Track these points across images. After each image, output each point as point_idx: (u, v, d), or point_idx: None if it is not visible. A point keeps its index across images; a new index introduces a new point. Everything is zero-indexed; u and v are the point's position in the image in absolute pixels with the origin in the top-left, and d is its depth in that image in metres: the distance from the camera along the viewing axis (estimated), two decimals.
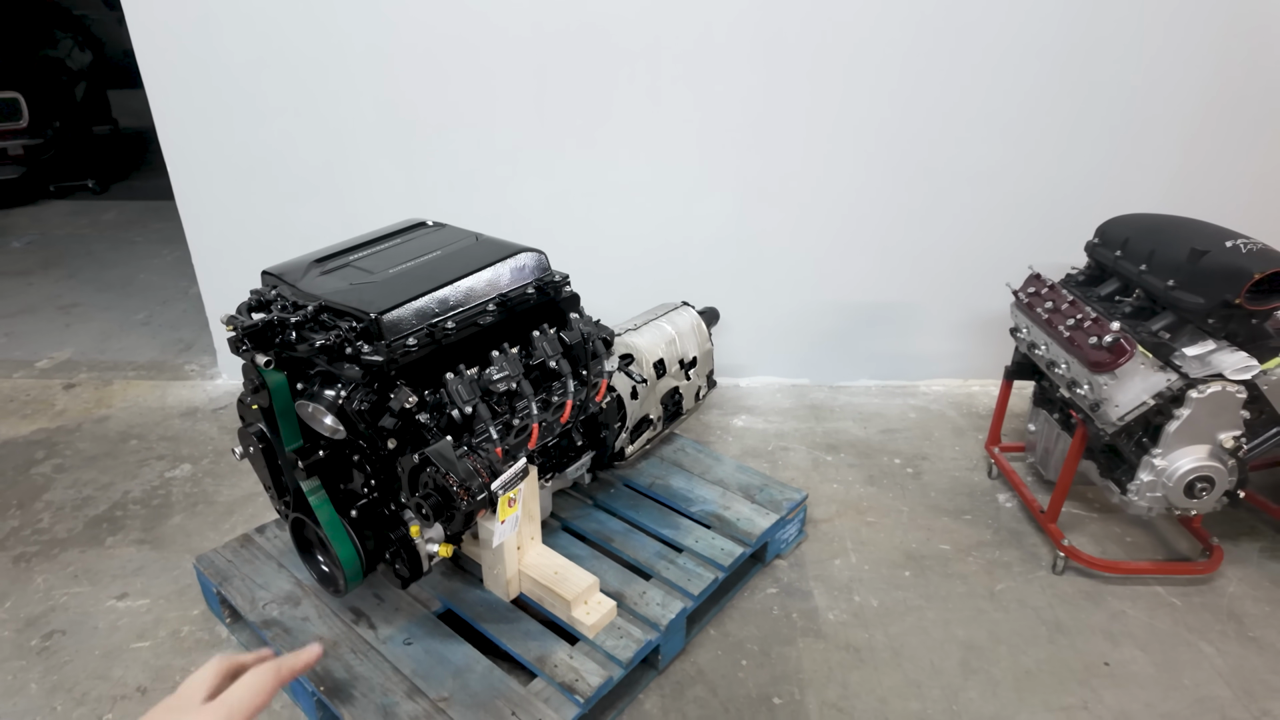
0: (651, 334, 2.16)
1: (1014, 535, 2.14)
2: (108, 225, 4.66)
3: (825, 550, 2.08)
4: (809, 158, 2.54)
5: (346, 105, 2.47)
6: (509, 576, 1.68)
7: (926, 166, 2.55)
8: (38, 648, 1.78)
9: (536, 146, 2.53)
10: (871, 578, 1.99)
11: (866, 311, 2.80)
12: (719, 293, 2.62)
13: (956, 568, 2.03)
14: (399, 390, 1.37)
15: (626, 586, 1.74)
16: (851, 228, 2.64)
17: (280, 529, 1.93)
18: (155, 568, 2.02)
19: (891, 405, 2.78)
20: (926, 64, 2.40)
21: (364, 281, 1.43)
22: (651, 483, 2.11)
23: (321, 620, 1.66)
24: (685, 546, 1.87)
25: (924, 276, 2.74)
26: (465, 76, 2.44)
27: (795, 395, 2.83)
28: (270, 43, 2.38)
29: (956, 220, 2.64)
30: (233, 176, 2.58)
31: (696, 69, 2.41)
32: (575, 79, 2.43)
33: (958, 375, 2.91)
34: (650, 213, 2.63)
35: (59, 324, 3.40)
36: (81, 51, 5.80)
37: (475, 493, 1.31)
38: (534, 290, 1.57)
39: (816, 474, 2.40)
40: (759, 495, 2.04)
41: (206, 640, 1.80)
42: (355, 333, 1.33)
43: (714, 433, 2.60)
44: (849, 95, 2.44)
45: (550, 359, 1.55)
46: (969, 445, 2.56)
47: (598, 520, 1.97)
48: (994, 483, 2.36)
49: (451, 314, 1.43)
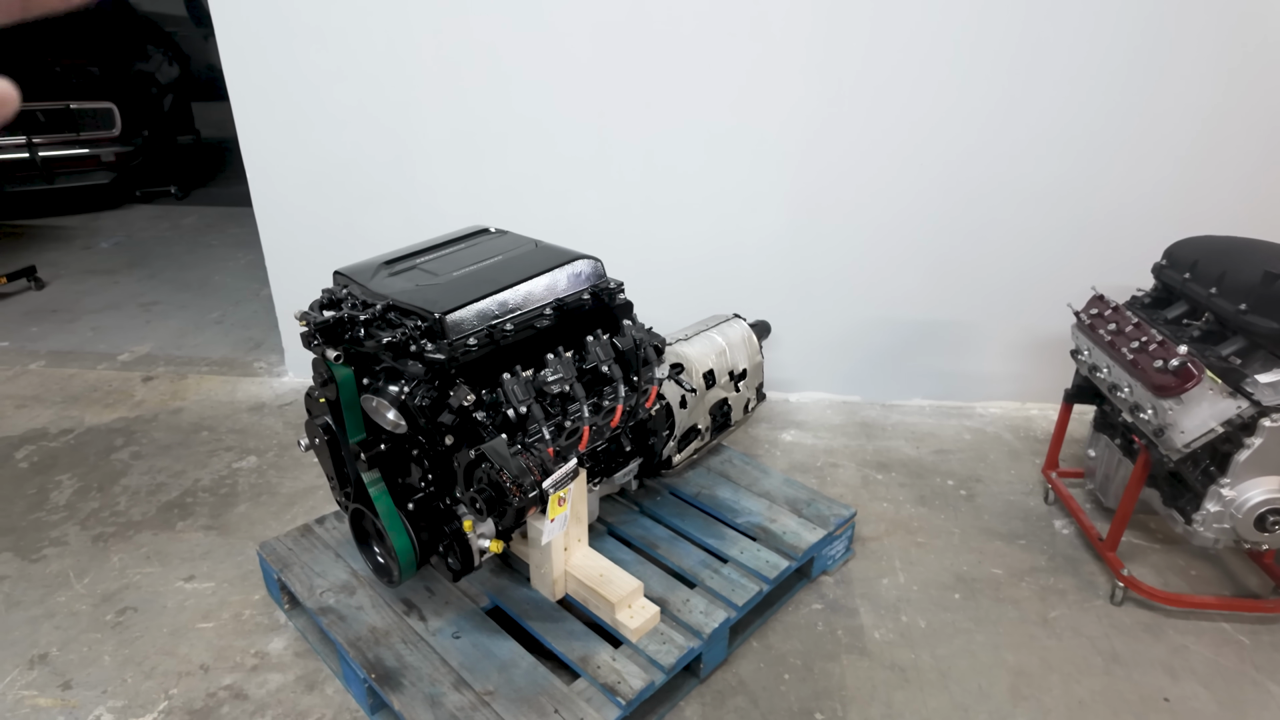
0: (702, 344, 2.18)
1: (1070, 562, 2.08)
2: (187, 229, 4.92)
3: (873, 568, 2.05)
4: (864, 172, 2.53)
5: (414, 115, 2.57)
6: (555, 576, 1.71)
7: (986, 184, 2.52)
8: (112, 622, 1.88)
9: (595, 157, 2.59)
10: (920, 598, 1.96)
11: (921, 329, 2.76)
12: (770, 306, 2.63)
13: (1008, 592, 1.98)
14: (458, 388, 1.42)
15: (670, 593, 1.76)
16: (906, 244, 2.62)
17: (339, 520, 2.00)
18: (221, 552, 2.12)
19: (946, 426, 2.73)
20: (988, 82, 2.38)
21: (429, 283, 1.49)
22: (698, 492, 2.12)
23: (375, 610, 1.72)
24: (730, 557, 1.87)
25: (981, 295, 2.69)
26: (528, 89, 2.51)
27: (846, 412, 2.81)
28: (345, 57, 2.50)
29: (1015, 239, 2.59)
30: (306, 183, 2.71)
31: (754, 84, 2.44)
32: (634, 93, 2.48)
33: (1015, 398, 2.84)
34: (704, 225, 2.66)
35: (140, 320, 3.60)
36: (170, 65, 6.14)
37: (527, 490, 1.35)
38: (589, 296, 1.61)
39: (866, 492, 2.37)
40: (806, 510, 2.03)
41: (266, 624, 1.88)
42: (420, 331, 1.39)
43: (762, 446, 2.60)
44: (907, 110, 2.43)
45: (602, 364, 1.59)
46: (1025, 469, 2.50)
47: (643, 526, 1.99)
48: (1050, 508, 2.30)
49: (510, 316, 1.48)
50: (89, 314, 3.67)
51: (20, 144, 4.72)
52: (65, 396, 2.90)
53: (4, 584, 2.00)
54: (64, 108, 4.87)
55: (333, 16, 2.46)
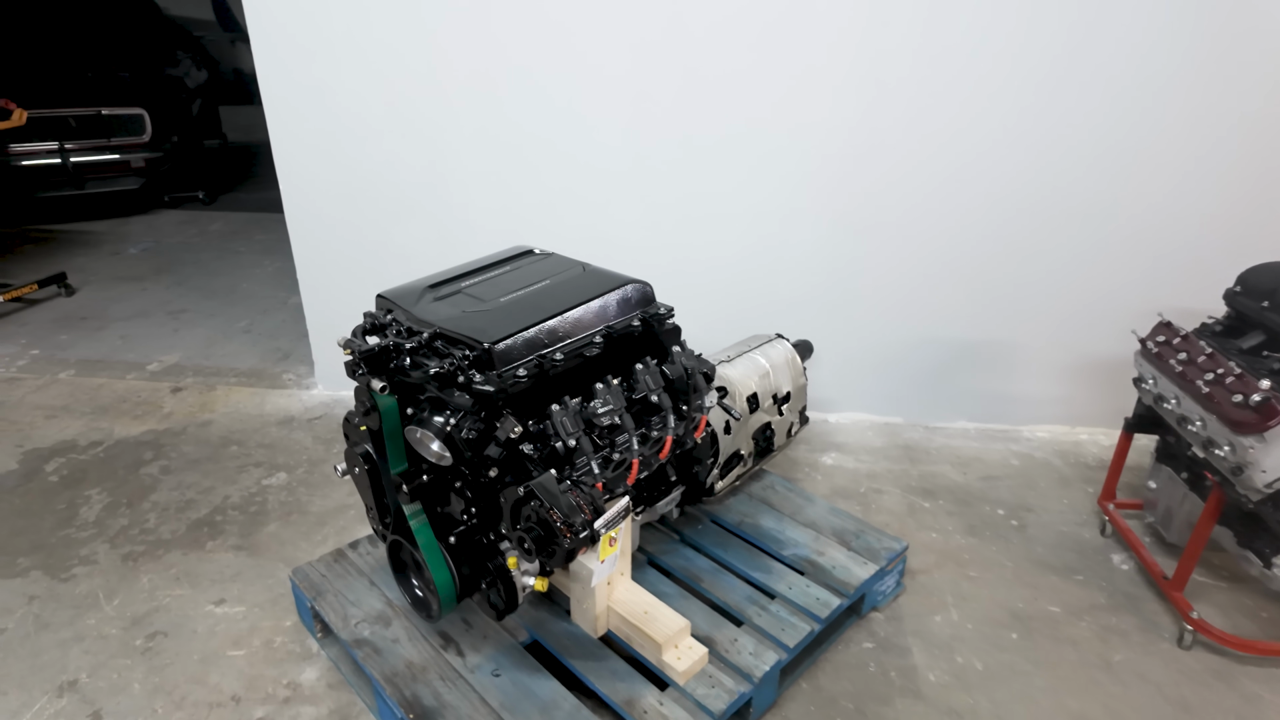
0: (745, 366, 2.11)
1: (1131, 600, 1.99)
2: (214, 235, 4.91)
3: (924, 604, 1.97)
4: (908, 187, 2.45)
5: (448, 128, 2.52)
6: (598, 612, 1.65)
7: (1036, 199, 2.43)
8: (142, 647, 1.84)
9: (630, 170, 2.53)
10: (974, 637, 1.87)
11: (965, 349, 2.67)
12: (808, 323, 2.55)
13: (1067, 632, 1.89)
14: (505, 420, 1.36)
15: (717, 631, 1.68)
16: (951, 260, 2.54)
17: (372, 545, 1.95)
18: (251, 574, 2.07)
19: (991, 450, 2.64)
20: (1039, 95, 2.29)
21: (476, 309, 1.44)
22: (740, 520, 2.05)
23: (411, 643, 1.66)
24: (778, 593, 1.80)
25: (1028, 315, 2.60)
26: (563, 103, 2.45)
27: (887, 434, 2.73)
28: (381, 68, 2.46)
29: (1066, 257, 2.50)
30: (339, 194, 2.66)
31: (796, 97, 2.36)
32: (672, 106, 2.42)
33: (1063, 421, 2.74)
34: (741, 239, 2.59)
35: (169, 329, 3.58)
36: (198, 70, 6.17)
37: (578, 530, 1.29)
38: (639, 323, 1.54)
39: (912, 520, 2.29)
40: (855, 542, 1.95)
41: (298, 652, 1.83)
42: (468, 361, 1.33)
43: (802, 469, 2.52)
44: (955, 124, 2.35)
45: (652, 393, 1.52)
46: (1077, 498, 2.40)
47: (685, 557, 1.92)
48: (1107, 541, 2.21)
49: (560, 345, 1.42)
50: (118, 321, 3.65)
51: (53, 149, 4.74)
52: (95, 407, 2.87)
53: (34, 604, 1.97)
54: (95, 114, 4.89)
55: (368, 28, 2.41)
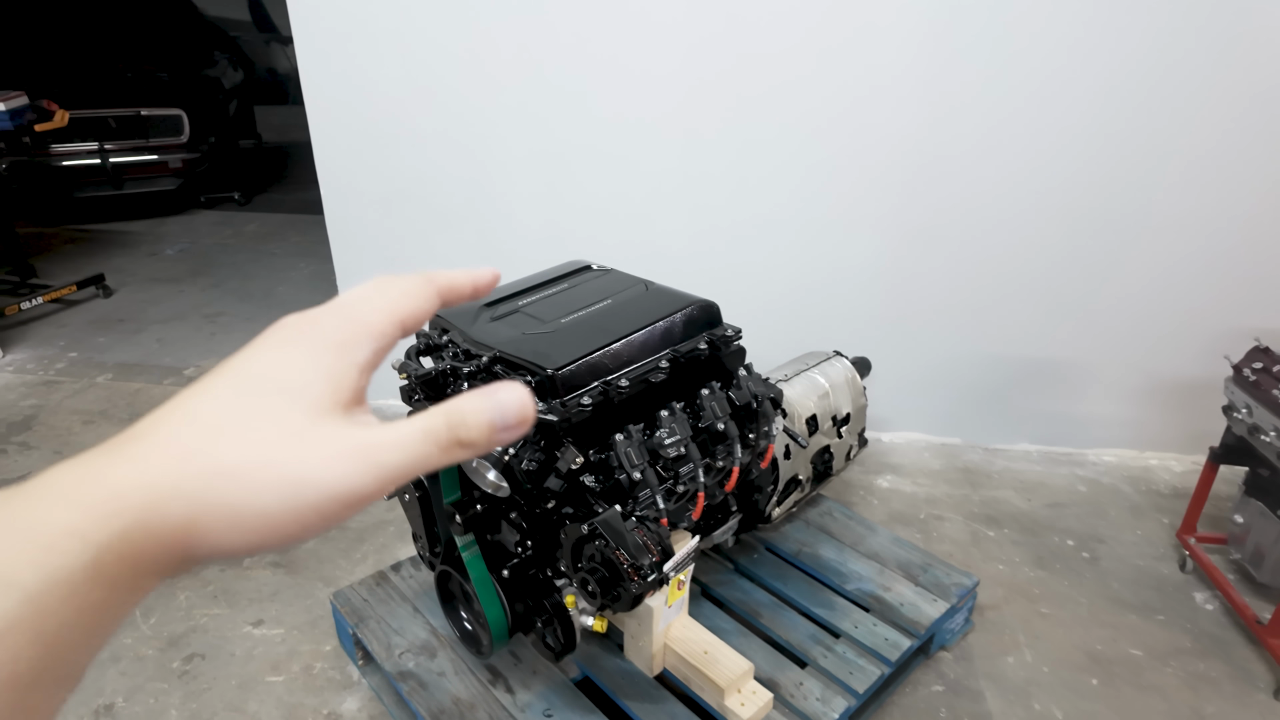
0: (803, 386, 2.01)
1: (1219, 645, 1.86)
2: (250, 236, 4.90)
3: (995, 643, 1.85)
4: (976, 199, 2.33)
5: (496, 135, 2.44)
6: (654, 650, 1.55)
7: (1112, 212, 2.29)
8: (179, 670, 1.78)
9: (680, 181, 2.43)
10: (1051, 681, 1.75)
11: (1029, 368, 2.54)
12: (864, 338, 2.44)
13: (1152, 679, 1.77)
14: (566, 449, 1.27)
15: (780, 673, 1.58)
16: (1017, 275, 2.41)
17: (414, 568, 1.87)
18: (289, 594, 2.01)
19: (1056, 474, 2.51)
20: (1114, 103, 2.16)
21: (536, 331, 1.35)
22: (798, 550, 1.94)
23: (458, 676, 1.58)
24: (843, 631, 1.69)
25: (1097, 333, 2.46)
26: (612, 109, 2.36)
27: (945, 456, 2.60)
28: (428, 73, 2.39)
29: (1142, 273, 2.36)
30: (381, 200, 2.60)
31: (859, 104, 2.25)
32: (725, 115, 2.32)
33: (1132, 445, 2.60)
34: (796, 250, 2.48)
35: (205, 333, 3.55)
36: (235, 71, 6.18)
37: (646, 573, 1.20)
38: (706, 345, 1.45)
39: (977, 550, 2.17)
40: (923, 577, 1.84)
41: (338, 680, 1.76)
42: (531, 387, 1.25)
43: (856, 493, 2.41)
44: (1027, 132, 2.22)
45: (718, 420, 1.42)
46: (1151, 529, 2.26)
47: (741, 589, 1.82)
48: (1188, 577, 2.07)
49: (625, 371, 1.33)
50: (155, 324, 3.63)
51: (93, 150, 4.75)
52: (132, 413, 2.84)
53: None
54: (134, 114, 4.89)
55: (415, 33, 2.34)
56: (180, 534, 0.30)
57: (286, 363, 0.35)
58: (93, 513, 0.28)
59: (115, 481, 0.29)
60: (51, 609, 0.27)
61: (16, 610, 0.26)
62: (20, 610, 0.26)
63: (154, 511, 0.29)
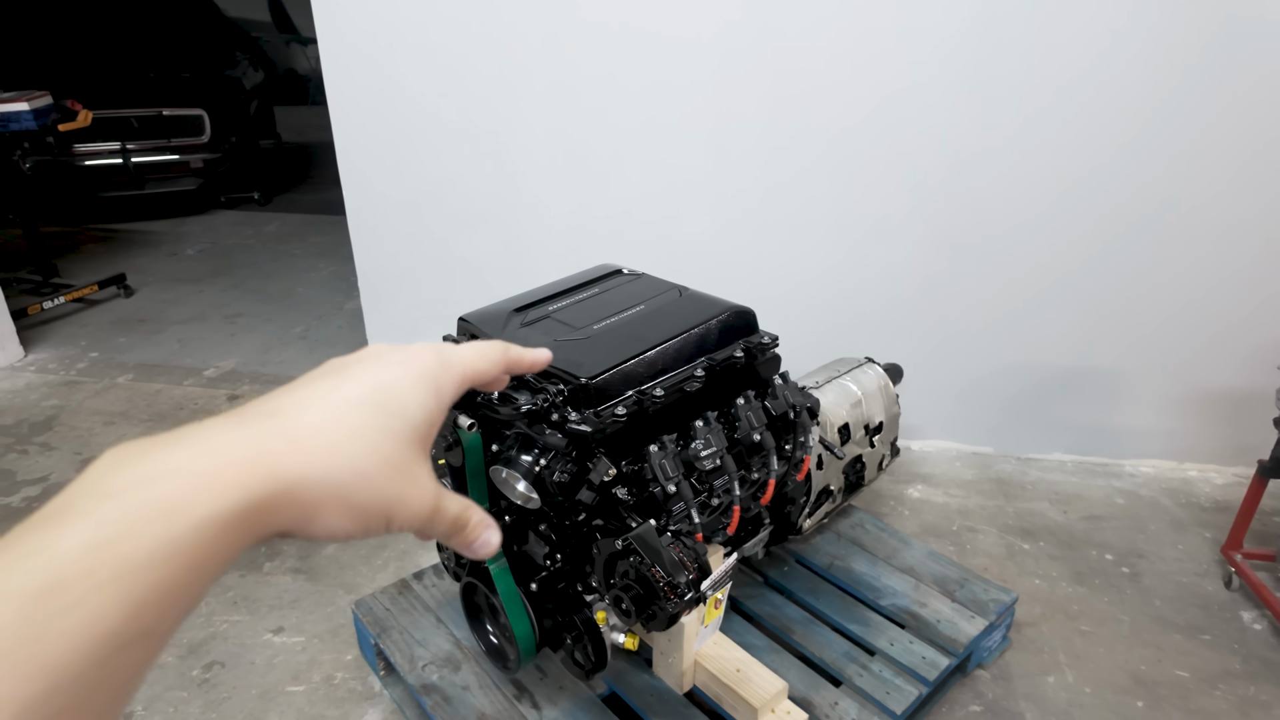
0: (835, 394, 1.95)
1: (1270, 668, 1.78)
2: (270, 237, 4.90)
3: (1034, 662, 1.79)
4: (1013, 202, 2.26)
5: (522, 138, 2.41)
6: (685, 667, 1.51)
7: (1150, 217, 2.22)
8: (198, 679, 1.75)
9: (707, 181, 2.39)
10: (1094, 703, 1.69)
11: (1065, 376, 2.47)
12: (894, 345, 2.38)
13: (1200, 702, 1.70)
14: (598, 461, 1.22)
15: (814, 693, 1.53)
16: (1057, 281, 2.34)
17: (437, 576, 1.84)
18: (309, 601, 1.98)
19: (1093, 486, 2.43)
20: (1159, 105, 2.09)
21: (568, 338, 1.31)
22: (830, 563, 1.89)
23: (483, 691, 1.54)
24: (878, 649, 1.64)
25: (1136, 340, 2.39)
26: (639, 108, 2.32)
27: (977, 465, 2.54)
28: (453, 73, 2.36)
29: (1181, 279, 2.28)
30: (404, 200, 2.57)
31: (893, 104, 2.20)
32: (754, 115, 2.27)
33: (1171, 456, 2.52)
34: (825, 253, 2.42)
35: (225, 333, 3.54)
36: (255, 71, 6.20)
37: (683, 591, 1.15)
38: (742, 353, 1.40)
39: (1012, 564, 2.10)
40: (959, 593, 1.78)
41: (359, 691, 1.72)
42: (563, 397, 1.21)
43: (887, 503, 2.35)
44: (1069, 135, 2.16)
45: (754, 431, 1.38)
46: (1194, 544, 2.19)
47: (772, 604, 1.77)
48: (1234, 595, 2.00)
49: (660, 380, 1.28)
50: (175, 325, 3.63)
51: (115, 150, 4.77)
52: (152, 414, 2.82)
53: None
54: (156, 114, 4.91)
55: (439, 34, 2.31)
56: (306, 509, 0.35)
57: (403, 391, 0.41)
58: (251, 468, 0.33)
59: (272, 445, 0.34)
60: (206, 543, 0.31)
61: (183, 538, 0.30)
62: (185, 539, 0.30)
63: (297, 485, 0.34)
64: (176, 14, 5.64)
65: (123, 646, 0.28)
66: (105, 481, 0.31)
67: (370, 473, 0.37)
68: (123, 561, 0.28)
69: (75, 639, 0.27)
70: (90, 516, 0.29)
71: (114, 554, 0.28)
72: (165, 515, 0.30)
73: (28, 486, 2.42)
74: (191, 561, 0.30)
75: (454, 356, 0.45)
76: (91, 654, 0.27)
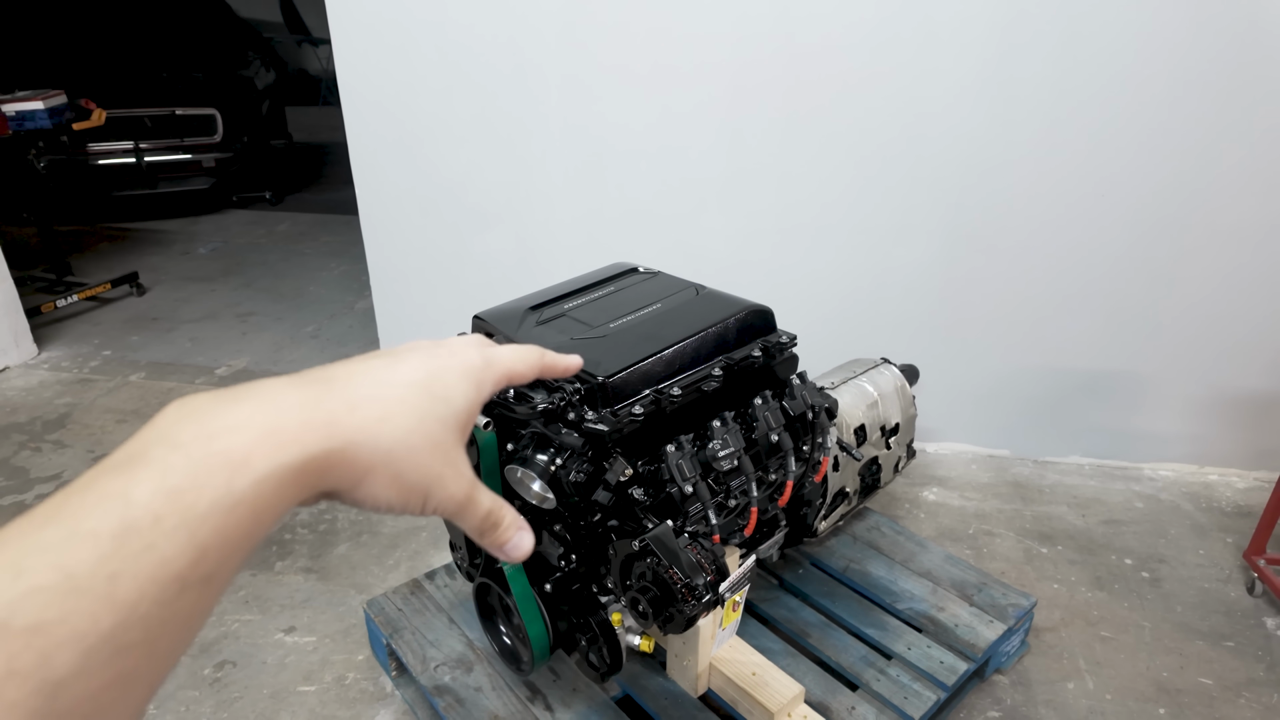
0: (852, 394, 1.93)
1: None
2: (281, 236, 4.91)
3: (1054, 668, 1.76)
4: (1037, 203, 2.23)
5: (535, 136, 2.40)
6: (699, 670, 1.49)
7: (1172, 218, 2.19)
8: (210, 678, 1.74)
9: (723, 180, 2.37)
10: (1116, 711, 1.66)
11: (1084, 379, 2.44)
12: (911, 346, 2.36)
13: (1225, 711, 1.67)
14: (615, 461, 1.21)
15: (831, 697, 1.51)
16: (1078, 283, 2.31)
17: (450, 576, 1.83)
18: (321, 601, 1.97)
19: (1112, 490, 2.40)
20: (1182, 104, 2.05)
21: (584, 336, 1.29)
22: (846, 566, 1.87)
23: (495, 693, 1.53)
24: (895, 653, 1.61)
25: (1157, 343, 2.36)
26: (654, 107, 2.31)
27: (994, 468, 2.51)
28: (465, 72, 2.35)
29: (1204, 282, 2.25)
30: (417, 199, 2.57)
31: (915, 101, 2.17)
32: (772, 113, 2.25)
33: (1191, 460, 2.49)
34: (844, 255, 2.40)
35: (237, 332, 3.55)
36: (267, 71, 6.22)
37: (701, 593, 1.13)
38: (759, 353, 1.38)
39: (1031, 569, 2.07)
40: (977, 597, 1.76)
41: (371, 692, 1.71)
42: (579, 396, 1.19)
43: (902, 506, 2.33)
44: (1095, 135, 2.13)
45: (772, 432, 1.36)
46: (1216, 549, 2.15)
47: (788, 607, 1.75)
48: (1257, 601, 1.96)
49: (677, 379, 1.27)
50: (187, 323, 3.64)
51: (128, 149, 4.79)
52: None
53: None
54: (169, 114, 4.93)
55: (452, 32, 2.30)
56: (356, 472, 0.37)
57: (450, 380, 0.43)
58: (311, 428, 0.35)
59: (331, 408, 0.36)
60: (265, 496, 0.33)
61: (245, 490, 0.32)
62: (248, 491, 0.32)
63: (349, 447, 0.36)
64: (189, 14, 5.66)
65: (186, 589, 0.30)
66: (174, 432, 0.32)
67: (417, 447, 0.39)
68: (189, 509, 0.30)
69: (144, 580, 0.28)
70: (160, 465, 0.31)
71: (182, 502, 0.30)
72: (230, 467, 0.32)
73: (41, 484, 2.42)
74: (252, 512, 0.32)
75: (495, 356, 0.47)
76: (159, 595, 0.29)
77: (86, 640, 0.27)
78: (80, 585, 0.27)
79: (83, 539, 0.28)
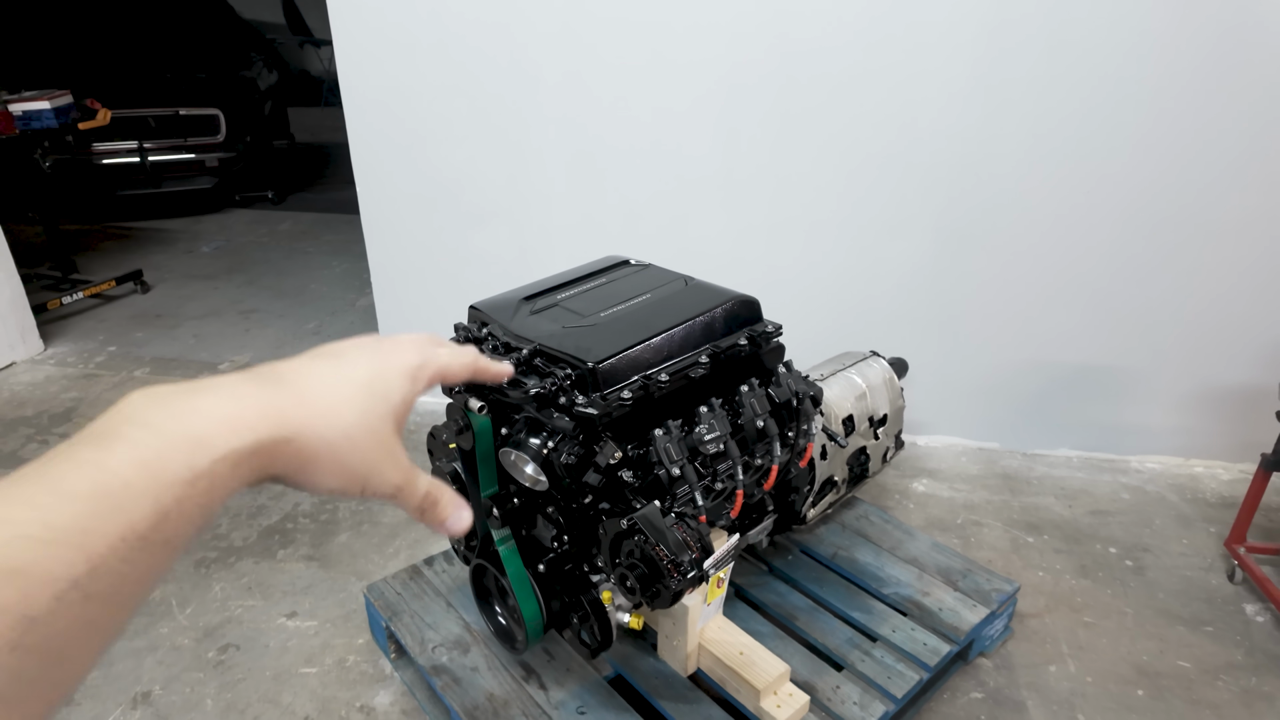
0: (840, 386, 1.97)
1: (1273, 660, 1.79)
2: (284, 235, 4.96)
3: (1037, 652, 1.81)
4: (1027, 199, 2.28)
5: (534, 134, 2.44)
6: (689, 650, 1.53)
7: (1160, 215, 2.23)
8: (214, 660, 1.79)
9: (717, 177, 2.41)
10: (1096, 693, 1.70)
11: (1074, 373, 2.48)
12: (904, 341, 2.40)
13: (1203, 694, 1.71)
14: (605, 444, 1.25)
15: (817, 677, 1.56)
16: (1068, 279, 2.35)
17: (448, 562, 1.87)
18: (323, 587, 2.02)
19: (1099, 482, 2.44)
20: (1170, 102, 2.10)
21: (576, 325, 1.34)
22: (834, 553, 1.91)
23: (491, 673, 1.57)
24: (880, 635, 1.66)
25: (1144, 338, 2.40)
26: (651, 110, 2.35)
27: (983, 460, 2.55)
28: (466, 72, 2.39)
29: (1190, 278, 2.29)
30: (417, 197, 2.61)
31: (906, 99, 2.22)
32: (764, 113, 2.30)
33: (1177, 453, 2.53)
34: (838, 251, 2.45)
35: (240, 329, 3.60)
36: (270, 72, 6.27)
37: (686, 570, 1.18)
38: (746, 341, 1.43)
39: (1017, 557, 2.12)
40: (962, 582, 1.80)
41: (371, 674, 1.76)
42: (570, 381, 1.24)
43: (892, 497, 2.37)
44: (1081, 131, 2.17)
45: (758, 418, 1.40)
46: (1199, 538, 2.20)
47: (777, 592, 1.80)
48: (1238, 589, 2.00)
49: (665, 366, 1.31)
50: (191, 320, 3.69)
51: (132, 149, 4.84)
52: None
53: None
54: (173, 114, 4.99)
55: (451, 32, 2.35)
56: (302, 459, 0.42)
57: (389, 378, 0.48)
58: (265, 417, 0.40)
59: (282, 403, 0.41)
60: (222, 473, 0.37)
61: (205, 466, 0.36)
62: (208, 468, 0.36)
63: (297, 437, 0.41)
64: (193, 16, 5.72)
65: (147, 547, 0.34)
66: (144, 415, 0.37)
67: (358, 439, 0.44)
68: (155, 478, 0.35)
69: (113, 537, 0.33)
70: (131, 440, 0.35)
71: (149, 471, 0.35)
72: (193, 446, 0.36)
73: None
74: (209, 486, 0.36)
75: (432, 356, 0.52)
76: (125, 551, 0.33)
77: (60, 584, 0.30)
78: (59, 537, 0.31)
79: (62, 497, 0.32)
